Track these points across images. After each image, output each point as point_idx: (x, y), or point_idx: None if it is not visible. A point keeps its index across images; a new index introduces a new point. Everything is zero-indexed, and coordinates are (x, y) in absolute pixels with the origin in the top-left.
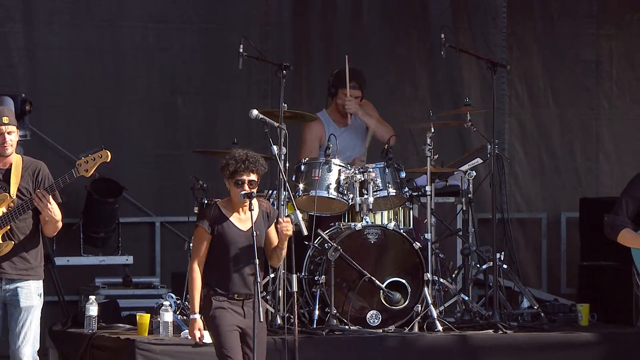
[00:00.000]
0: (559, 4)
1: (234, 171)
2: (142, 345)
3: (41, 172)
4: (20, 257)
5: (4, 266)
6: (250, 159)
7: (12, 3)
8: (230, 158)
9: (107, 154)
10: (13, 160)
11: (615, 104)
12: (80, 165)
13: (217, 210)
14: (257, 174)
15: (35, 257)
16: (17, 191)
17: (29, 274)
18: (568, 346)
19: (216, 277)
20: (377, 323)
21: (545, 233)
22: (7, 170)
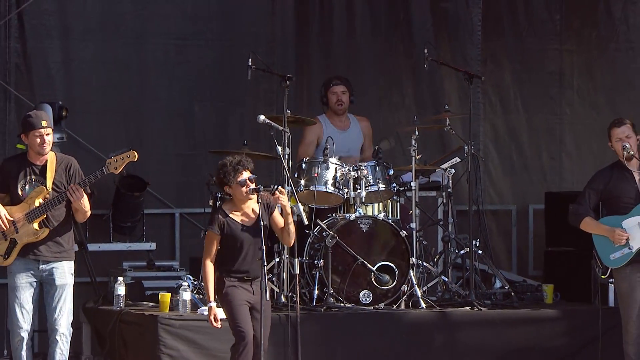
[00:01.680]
0: (526, 23)
1: (234, 174)
2: (164, 321)
3: (72, 167)
4: (54, 242)
5: (41, 249)
6: (240, 160)
7: (51, 23)
8: (223, 167)
9: (134, 154)
10: (48, 157)
11: (576, 110)
12: (110, 164)
13: (223, 213)
14: (250, 170)
15: (68, 241)
16: (52, 184)
17: (63, 256)
18: (535, 321)
19: (228, 265)
20: (368, 301)
21: (515, 222)
22: (43, 166)
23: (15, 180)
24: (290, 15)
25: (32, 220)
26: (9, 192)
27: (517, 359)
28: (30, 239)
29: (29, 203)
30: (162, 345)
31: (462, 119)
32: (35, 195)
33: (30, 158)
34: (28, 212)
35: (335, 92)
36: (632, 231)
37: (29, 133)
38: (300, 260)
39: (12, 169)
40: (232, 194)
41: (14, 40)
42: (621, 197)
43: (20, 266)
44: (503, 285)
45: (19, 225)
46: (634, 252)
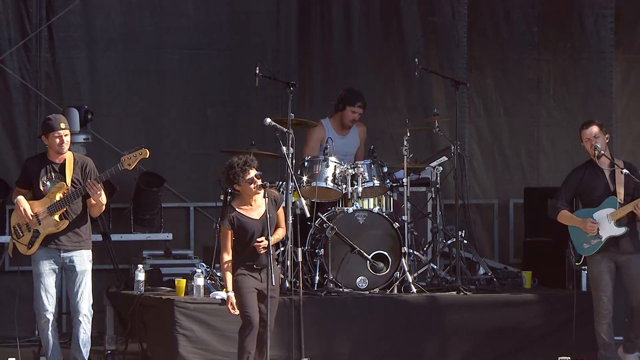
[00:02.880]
0: (507, 35)
1: (242, 174)
2: (180, 304)
3: (88, 166)
4: (74, 232)
5: (62, 239)
6: (246, 160)
7: (78, 35)
8: (232, 169)
9: (146, 152)
10: (66, 157)
11: (552, 114)
12: (124, 161)
13: (232, 209)
14: (255, 168)
15: (85, 232)
16: (71, 181)
17: (81, 245)
18: (515, 304)
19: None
20: (364, 286)
21: (497, 215)
22: (62, 165)
23: (37, 178)
24: (293, 27)
25: (53, 213)
26: (31, 188)
27: (498, 338)
28: (51, 230)
29: (50, 197)
30: (178, 326)
31: (449, 121)
32: (55, 190)
33: (50, 157)
34: (49, 205)
35: (355, 112)
36: (602, 222)
37: (49, 134)
38: (303, 249)
39: (33, 167)
40: (241, 191)
41: (45, 51)
42: (593, 192)
43: (44, 255)
44: (486, 272)
45: (41, 217)
46: (603, 241)
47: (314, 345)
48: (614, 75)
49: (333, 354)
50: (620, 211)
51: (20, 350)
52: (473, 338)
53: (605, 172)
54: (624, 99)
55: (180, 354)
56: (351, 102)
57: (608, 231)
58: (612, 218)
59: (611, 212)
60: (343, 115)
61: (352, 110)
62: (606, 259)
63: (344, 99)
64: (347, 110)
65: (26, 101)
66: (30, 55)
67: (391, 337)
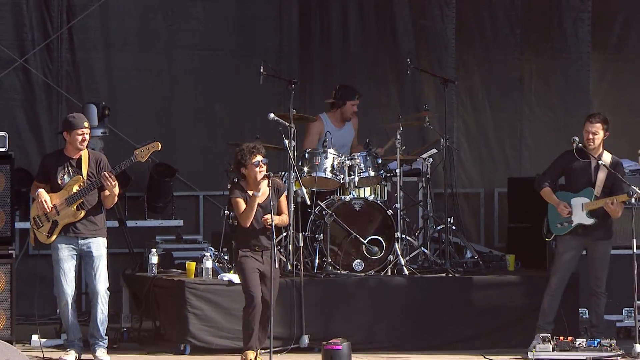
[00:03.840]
0: (492, 36)
1: (249, 155)
2: (190, 285)
3: (102, 161)
4: (89, 221)
5: (79, 227)
6: (255, 145)
7: (96, 37)
8: (240, 150)
9: (158, 145)
10: (82, 153)
11: (534, 110)
12: (137, 154)
13: (241, 188)
14: (262, 155)
15: (100, 221)
16: (87, 174)
17: (97, 233)
18: (499, 285)
19: (242, 237)
20: (360, 268)
21: (483, 203)
22: (78, 160)
23: (55, 172)
24: (295, 30)
25: (71, 204)
26: (49, 182)
27: (484, 316)
28: (70, 219)
29: (67, 190)
30: (188, 306)
31: (438, 116)
32: (72, 183)
33: (67, 153)
34: (67, 197)
35: (355, 104)
36: (576, 209)
37: (72, 132)
38: (304, 234)
39: (51, 163)
40: (247, 175)
41: (65, 51)
42: (576, 178)
43: (63, 242)
44: (473, 255)
45: (60, 209)
46: (572, 226)
47: (314, 323)
48: (591, 73)
49: (331, 331)
50: (593, 204)
51: (43, 328)
52: (461, 316)
53: (592, 163)
54: (600, 95)
55: (191, 331)
56: (350, 97)
57: (579, 218)
58: (585, 208)
59: (585, 203)
60: (344, 110)
61: (352, 103)
62: (574, 241)
63: (343, 96)
64: (348, 105)
65: (48, 98)
66: (52, 56)
67: (385, 316)
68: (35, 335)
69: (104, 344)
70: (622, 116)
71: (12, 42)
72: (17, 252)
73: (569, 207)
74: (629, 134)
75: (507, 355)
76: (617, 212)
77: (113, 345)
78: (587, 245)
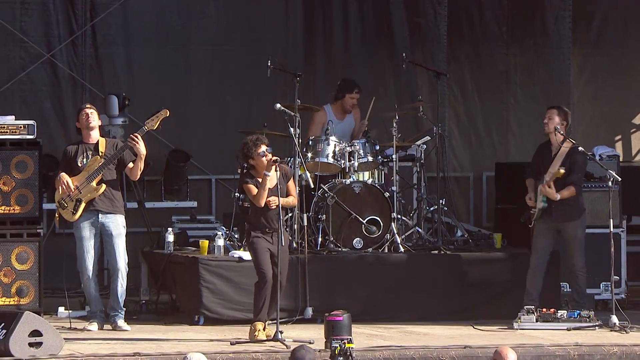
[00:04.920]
0: (481, 33)
1: (255, 147)
2: (203, 261)
3: (118, 145)
4: (108, 198)
5: (99, 203)
6: (258, 137)
7: (117, 33)
8: (245, 144)
9: (167, 112)
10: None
11: (519, 100)
12: (147, 123)
13: (250, 175)
14: (266, 144)
15: (119, 198)
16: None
17: (115, 210)
18: (487, 261)
19: (254, 219)
20: (360, 246)
21: (472, 185)
22: (95, 145)
23: (75, 158)
24: (300, 27)
25: (91, 180)
26: (71, 169)
27: (473, 290)
28: (92, 194)
29: (87, 170)
30: (202, 280)
31: (431, 106)
32: (91, 163)
33: (85, 139)
34: (88, 176)
35: (353, 97)
36: (538, 196)
37: (78, 116)
38: (308, 215)
39: (72, 151)
40: (255, 165)
41: (89, 47)
42: (544, 167)
43: (85, 220)
44: (463, 234)
45: (82, 188)
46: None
47: (317, 296)
48: (571, 67)
49: (333, 303)
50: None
51: (69, 301)
52: (452, 290)
53: (553, 151)
54: (580, 87)
55: (204, 303)
56: (349, 89)
57: (538, 203)
58: (541, 193)
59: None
60: (343, 102)
61: (351, 96)
62: (544, 225)
63: (342, 89)
64: (347, 98)
65: (73, 89)
66: (77, 51)
67: (382, 289)
68: (62, 307)
69: (122, 315)
70: (600, 106)
71: (40, 38)
72: (45, 231)
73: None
74: (607, 122)
75: (495, 325)
76: (550, 193)
77: (133, 316)
78: (559, 228)
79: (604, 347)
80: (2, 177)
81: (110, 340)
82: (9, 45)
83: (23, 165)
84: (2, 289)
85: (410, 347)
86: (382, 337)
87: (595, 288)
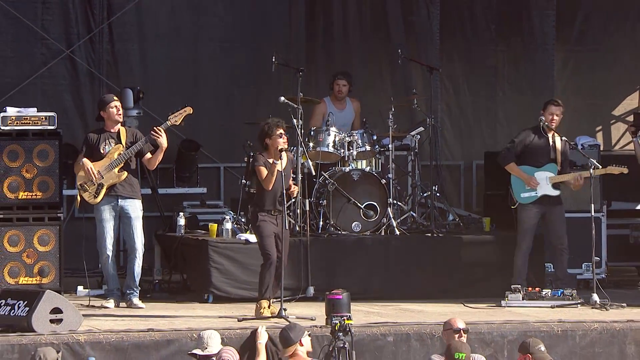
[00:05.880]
0: (471, 30)
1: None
2: (212, 244)
3: (137, 134)
4: (128, 184)
5: (119, 188)
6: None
7: (132, 31)
8: (267, 123)
9: (190, 109)
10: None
11: (507, 93)
12: (171, 118)
13: (262, 158)
14: (284, 129)
15: (136, 185)
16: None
17: (134, 195)
18: (477, 243)
19: (260, 200)
20: (358, 230)
21: (463, 173)
22: (117, 133)
23: (97, 145)
24: (302, 24)
25: (114, 167)
26: (92, 155)
27: (464, 270)
28: (114, 180)
29: (109, 157)
30: (211, 261)
31: (425, 99)
32: (114, 151)
33: (107, 128)
34: (110, 163)
35: (338, 84)
36: (541, 181)
37: (106, 107)
38: (310, 200)
39: (94, 138)
40: (270, 145)
41: (106, 44)
42: (537, 154)
43: (105, 204)
44: (454, 218)
45: (104, 173)
46: (538, 196)
47: (318, 276)
48: (555, 62)
49: (333, 282)
50: (558, 177)
51: (87, 280)
52: (444, 270)
53: (549, 140)
54: (563, 81)
55: (213, 282)
56: (334, 76)
57: (544, 190)
58: (551, 181)
59: (550, 176)
60: (333, 90)
61: (336, 83)
62: (536, 209)
63: (332, 77)
64: (334, 84)
65: (91, 83)
66: (95, 47)
67: (379, 269)
68: (81, 286)
69: (137, 293)
70: (582, 98)
71: (60, 35)
72: (65, 215)
73: (536, 181)
74: (588, 114)
75: (483, 303)
76: (581, 186)
77: (147, 295)
78: (546, 211)
79: (585, 323)
80: (25, 165)
81: (125, 317)
82: (32, 42)
83: (44, 154)
84: (25, 269)
85: (405, 323)
86: (379, 314)
87: (578, 268)
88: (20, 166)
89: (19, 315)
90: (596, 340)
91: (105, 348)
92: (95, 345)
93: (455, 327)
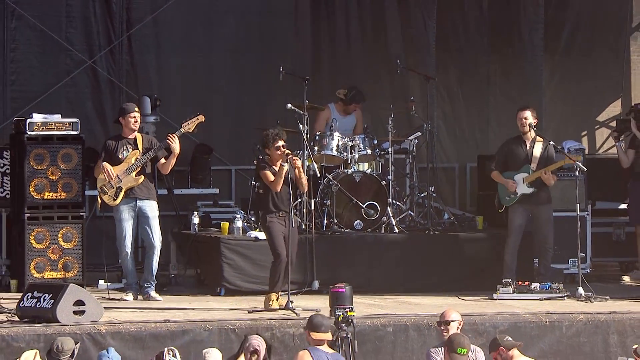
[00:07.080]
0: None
1: (273, 140)
2: (224, 241)
3: (153, 141)
4: (145, 186)
5: (137, 191)
6: (278, 132)
7: (149, 42)
8: (267, 135)
9: (202, 117)
10: (137, 135)
11: (499, 100)
12: (184, 126)
13: (267, 163)
14: (284, 140)
15: (152, 187)
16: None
17: (150, 197)
18: (470, 240)
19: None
20: (360, 228)
21: (457, 175)
22: (134, 140)
23: (116, 150)
24: (308, 36)
25: (131, 172)
26: (111, 160)
27: (458, 265)
28: (132, 183)
29: (127, 162)
30: (223, 257)
31: (422, 106)
32: (131, 156)
33: (124, 135)
34: (128, 167)
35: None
36: (519, 183)
37: (126, 116)
38: (315, 200)
39: (112, 144)
40: (270, 155)
41: (125, 54)
42: (516, 159)
43: (124, 205)
44: (449, 217)
45: (122, 177)
46: (517, 197)
47: (323, 271)
48: (544, 72)
49: (337, 277)
50: (531, 176)
51: (108, 274)
52: (440, 265)
53: (527, 145)
54: (551, 89)
55: (225, 277)
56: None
57: (521, 190)
58: (525, 181)
59: (525, 176)
60: (348, 107)
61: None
62: (522, 208)
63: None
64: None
65: (111, 91)
66: (115, 58)
67: (380, 265)
68: (102, 280)
69: (154, 287)
70: (569, 106)
71: (83, 47)
72: (87, 214)
73: (515, 183)
74: (574, 120)
75: (477, 296)
76: (550, 180)
77: (163, 288)
78: (532, 210)
79: (571, 314)
80: (50, 167)
81: (143, 309)
82: (56, 54)
83: (68, 157)
84: (51, 264)
85: (403, 315)
86: (379, 306)
87: (564, 264)
88: (46, 169)
89: (44, 307)
90: (581, 331)
91: (125, 338)
92: (115, 335)
93: (444, 319)
